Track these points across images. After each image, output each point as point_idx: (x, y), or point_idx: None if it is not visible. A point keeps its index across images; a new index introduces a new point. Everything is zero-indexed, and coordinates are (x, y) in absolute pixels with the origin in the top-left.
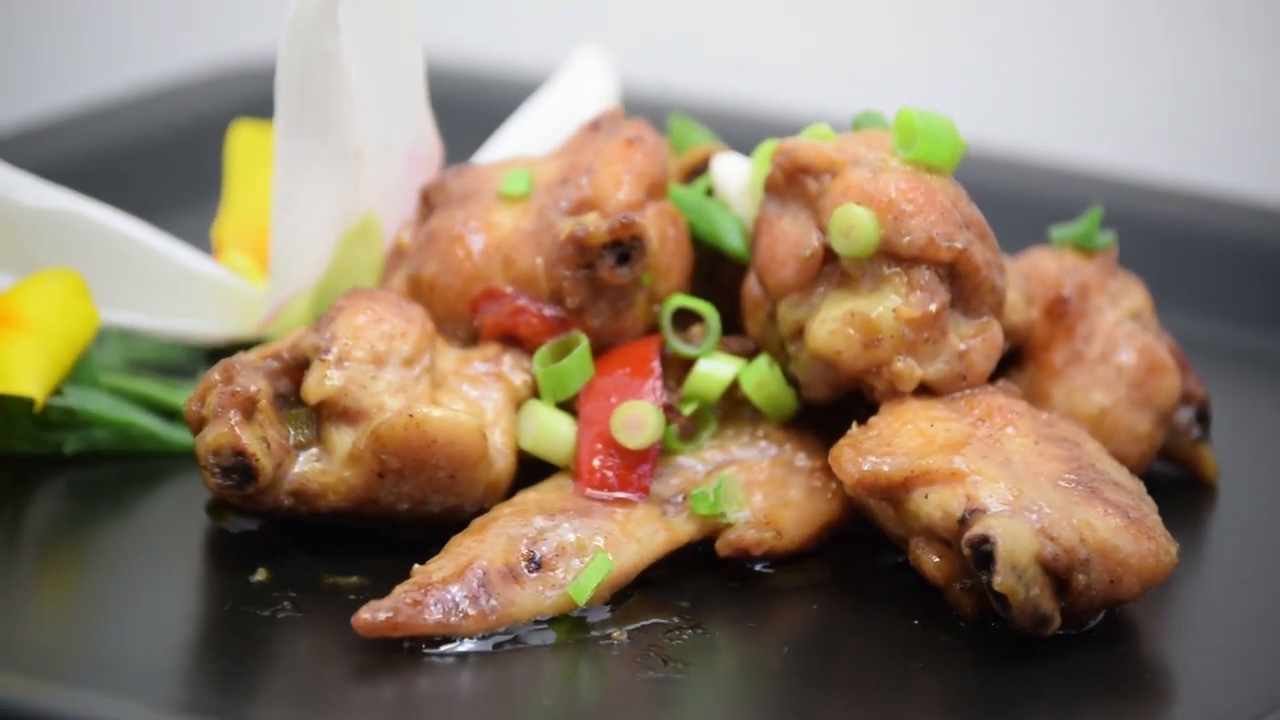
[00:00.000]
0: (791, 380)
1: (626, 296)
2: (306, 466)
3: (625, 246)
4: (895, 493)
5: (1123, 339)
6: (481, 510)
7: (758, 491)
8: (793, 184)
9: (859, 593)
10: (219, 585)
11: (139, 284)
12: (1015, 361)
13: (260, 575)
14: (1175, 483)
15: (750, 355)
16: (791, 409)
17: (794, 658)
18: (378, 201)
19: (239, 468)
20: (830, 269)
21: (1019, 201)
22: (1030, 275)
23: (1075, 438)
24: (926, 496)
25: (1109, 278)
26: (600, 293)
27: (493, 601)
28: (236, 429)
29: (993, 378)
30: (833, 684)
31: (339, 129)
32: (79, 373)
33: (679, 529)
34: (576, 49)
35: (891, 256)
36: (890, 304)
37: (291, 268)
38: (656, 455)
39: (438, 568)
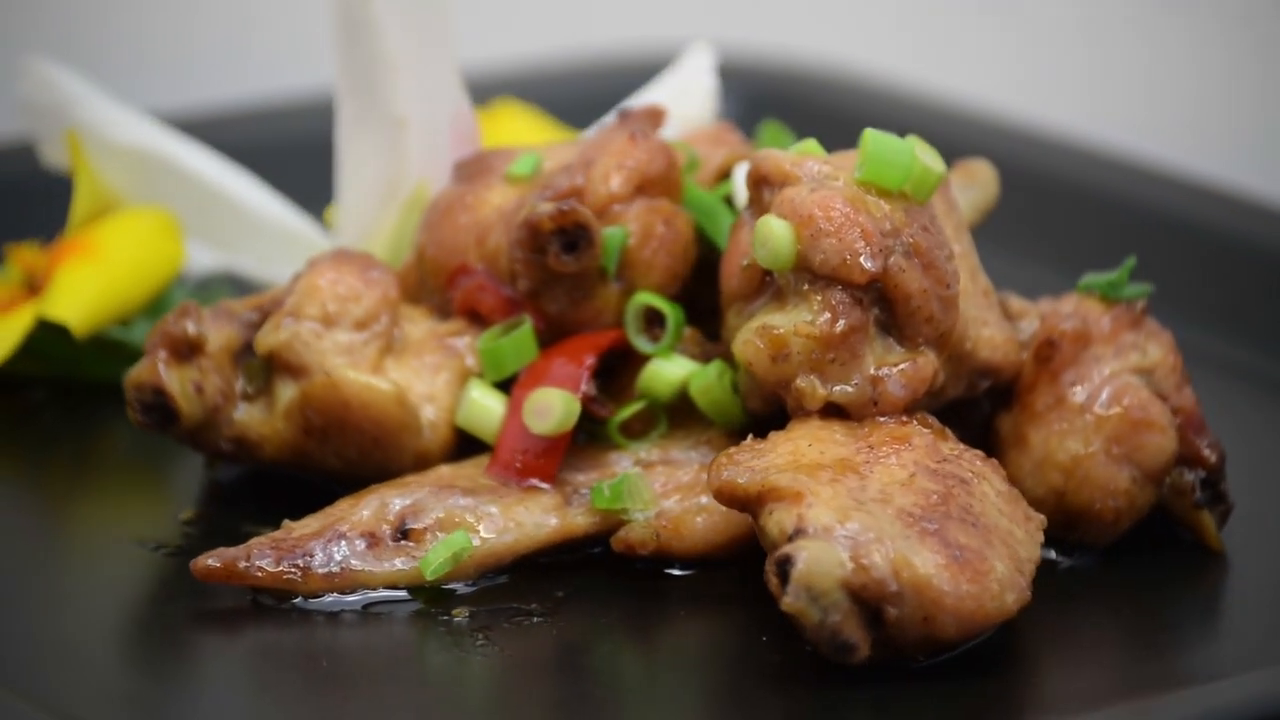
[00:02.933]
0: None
1: (584, 286)
2: (247, 415)
3: (571, 234)
4: (751, 507)
5: (1112, 391)
6: None
7: (676, 494)
8: (756, 194)
9: (745, 606)
10: (143, 520)
11: (236, 230)
12: (1005, 401)
13: (185, 515)
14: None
15: (709, 360)
16: (739, 417)
17: (616, 657)
18: (427, 171)
19: (158, 406)
20: (770, 281)
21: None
22: (1045, 317)
23: (968, 477)
24: (771, 514)
25: (1125, 329)
26: (556, 279)
27: (339, 564)
28: (160, 367)
29: (993, 413)
30: (628, 686)
31: (383, 95)
32: (157, 309)
33: (574, 520)
34: (691, 46)
35: (810, 273)
36: (796, 320)
37: (347, 227)
38: (565, 444)
39: (303, 524)
